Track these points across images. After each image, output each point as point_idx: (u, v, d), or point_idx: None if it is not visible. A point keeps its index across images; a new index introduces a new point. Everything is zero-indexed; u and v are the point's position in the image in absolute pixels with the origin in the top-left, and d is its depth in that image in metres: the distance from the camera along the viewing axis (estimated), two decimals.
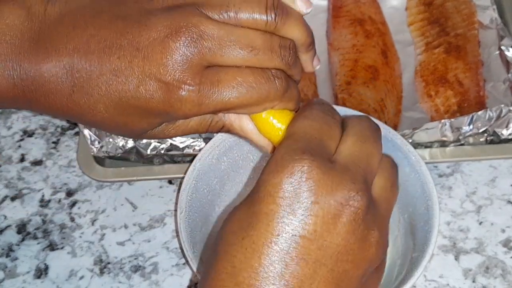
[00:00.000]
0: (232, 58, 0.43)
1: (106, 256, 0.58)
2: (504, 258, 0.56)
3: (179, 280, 0.57)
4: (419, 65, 0.67)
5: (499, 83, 0.65)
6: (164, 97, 0.43)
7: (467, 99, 0.64)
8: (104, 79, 0.43)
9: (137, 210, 0.61)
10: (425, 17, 0.70)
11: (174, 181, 0.62)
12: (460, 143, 0.61)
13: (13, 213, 0.62)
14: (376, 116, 0.60)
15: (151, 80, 0.43)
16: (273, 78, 0.43)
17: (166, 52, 0.42)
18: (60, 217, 0.61)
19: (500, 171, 0.61)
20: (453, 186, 0.61)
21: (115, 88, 0.44)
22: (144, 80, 0.43)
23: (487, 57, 0.67)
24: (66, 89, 0.44)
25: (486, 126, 0.59)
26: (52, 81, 0.44)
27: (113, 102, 0.44)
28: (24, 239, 0.60)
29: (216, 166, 0.54)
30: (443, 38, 0.68)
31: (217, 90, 0.43)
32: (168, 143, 0.60)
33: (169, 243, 0.59)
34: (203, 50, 0.42)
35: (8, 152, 0.66)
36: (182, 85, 0.43)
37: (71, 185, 0.63)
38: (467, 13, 0.69)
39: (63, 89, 0.44)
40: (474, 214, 0.59)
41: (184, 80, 0.42)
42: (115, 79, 0.43)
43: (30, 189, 0.63)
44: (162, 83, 0.43)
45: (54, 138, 0.66)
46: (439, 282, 0.55)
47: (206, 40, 0.42)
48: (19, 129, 0.67)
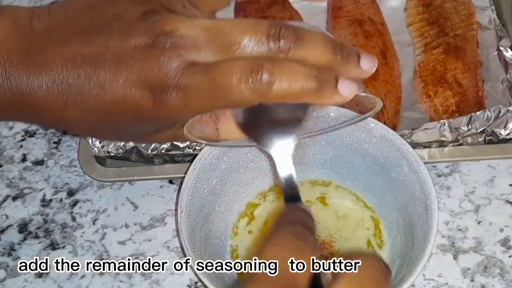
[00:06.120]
0: (210, 57, 0.43)
1: (107, 255, 0.59)
2: (503, 258, 0.56)
3: (180, 279, 0.57)
4: (418, 66, 0.68)
5: (498, 83, 0.65)
6: (152, 103, 0.44)
7: (465, 99, 0.64)
8: (94, 93, 0.44)
9: (137, 209, 0.61)
10: (424, 18, 0.70)
11: (175, 181, 0.63)
12: (458, 143, 0.61)
13: (15, 212, 0.62)
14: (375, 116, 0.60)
15: (136, 88, 0.43)
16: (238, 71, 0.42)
17: (147, 59, 0.43)
18: (61, 217, 0.61)
19: (498, 171, 0.62)
20: (451, 186, 0.61)
21: (105, 101, 0.44)
22: (130, 90, 0.43)
23: (486, 57, 0.67)
24: (59, 104, 0.44)
25: (485, 126, 0.59)
26: (44, 96, 0.44)
27: (106, 113, 0.45)
28: (26, 239, 0.60)
29: (216, 166, 0.55)
30: (442, 38, 0.68)
31: (199, 89, 0.43)
32: (169, 143, 0.60)
33: (170, 242, 0.59)
34: (181, 53, 0.43)
35: (10, 152, 0.66)
36: (165, 88, 0.43)
37: (72, 185, 0.63)
38: (466, 13, 0.69)
39: (56, 103, 0.44)
40: (473, 214, 0.59)
41: (167, 83, 0.43)
42: (104, 92, 0.44)
43: (31, 189, 0.63)
44: (146, 89, 0.43)
45: (56, 138, 0.67)
46: (437, 281, 0.55)
47: (182, 43, 0.43)
48: (21, 129, 0.68)
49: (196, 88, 0.43)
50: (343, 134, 0.55)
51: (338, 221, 0.57)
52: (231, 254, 0.56)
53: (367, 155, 0.56)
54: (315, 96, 0.44)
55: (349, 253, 0.44)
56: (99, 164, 0.62)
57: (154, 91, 0.43)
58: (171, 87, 0.43)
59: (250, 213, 0.58)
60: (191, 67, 0.43)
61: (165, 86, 0.43)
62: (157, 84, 0.43)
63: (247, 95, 0.43)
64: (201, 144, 0.60)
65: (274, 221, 0.37)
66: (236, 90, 0.43)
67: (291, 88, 0.43)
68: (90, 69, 0.44)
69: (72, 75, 0.44)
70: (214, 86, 0.43)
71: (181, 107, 0.44)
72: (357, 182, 0.58)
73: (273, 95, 0.43)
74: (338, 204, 0.58)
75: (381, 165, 0.55)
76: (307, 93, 0.43)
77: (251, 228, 0.57)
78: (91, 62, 0.44)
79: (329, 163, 0.58)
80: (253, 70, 0.42)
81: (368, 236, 0.56)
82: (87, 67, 0.44)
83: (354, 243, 0.56)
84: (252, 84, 0.42)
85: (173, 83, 0.43)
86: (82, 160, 0.63)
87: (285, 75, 0.43)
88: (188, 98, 0.43)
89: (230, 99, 0.43)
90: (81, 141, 0.64)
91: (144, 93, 0.43)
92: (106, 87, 0.44)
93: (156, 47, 0.43)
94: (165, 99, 0.43)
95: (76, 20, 0.46)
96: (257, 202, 0.58)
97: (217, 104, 0.44)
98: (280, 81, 0.43)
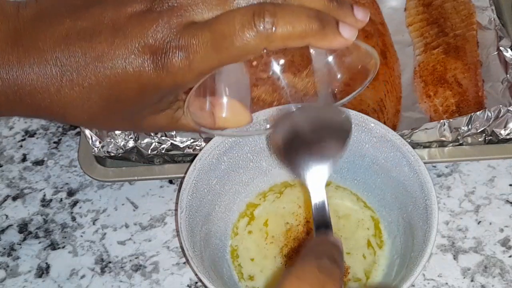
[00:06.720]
0: (209, 14, 0.42)
1: (107, 255, 0.59)
2: (503, 257, 0.56)
3: (180, 279, 0.57)
4: (418, 66, 0.68)
5: (498, 83, 0.65)
6: (154, 68, 0.42)
7: (465, 99, 0.64)
8: (91, 67, 0.43)
9: (137, 209, 0.61)
10: (424, 18, 0.70)
11: (175, 181, 0.63)
12: (458, 143, 0.61)
13: (15, 212, 0.62)
14: (375, 116, 0.60)
15: (136, 55, 0.42)
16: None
17: (144, 24, 0.42)
18: (61, 217, 0.61)
19: (498, 171, 0.62)
20: (451, 186, 0.61)
21: (104, 74, 0.43)
22: (130, 58, 0.42)
23: (486, 57, 0.67)
24: (54, 85, 0.43)
25: (485, 126, 0.59)
26: (37, 78, 0.43)
27: (105, 89, 0.43)
28: (26, 239, 0.60)
29: (216, 166, 0.55)
30: (442, 38, 0.68)
31: (202, 44, 0.42)
32: (169, 143, 0.60)
33: (170, 242, 0.59)
34: (179, 13, 0.42)
35: (10, 152, 0.66)
36: (166, 50, 0.42)
37: (72, 185, 0.63)
38: (466, 13, 0.69)
39: (51, 85, 0.43)
40: (473, 214, 0.59)
41: (167, 45, 0.42)
42: (101, 65, 0.43)
43: (31, 189, 0.63)
44: (148, 54, 0.42)
45: (56, 138, 0.67)
46: (437, 281, 0.56)
47: (179, 4, 0.42)
48: (21, 129, 0.68)
49: (198, 44, 0.42)
50: None
51: (339, 221, 0.57)
52: (231, 254, 0.56)
53: (367, 155, 0.56)
54: (319, 37, 0.43)
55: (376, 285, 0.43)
56: (99, 164, 0.62)
57: (155, 55, 0.42)
58: (172, 48, 0.42)
59: (250, 213, 0.58)
60: (191, 26, 0.42)
61: (166, 48, 0.42)
62: (157, 47, 0.42)
63: (251, 40, 0.42)
64: (201, 144, 0.60)
65: (302, 252, 0.37)
66: (240, 37, 0.42)
67: (295, 29, 0.42)
68: (85, 44, 0.42)
69: (66, 53, 0.43)
70: (217, 37, 0.42)
71: (184, 68, 0.42)
72: (357, 182, 0.58)
73: (278, 38, 0.42)
74: (338, 204, 0.58)
75: (381, 165, 0.55)
76: (310, 34, 0.43)
77: (251, 228, 0.57)
78: (86, 37, 0.43)
79: None
80: (255, 14, 0.42)
81: (368, 236, 0.56)
82: (82, 42, 0.42)
83: (354, 243, 0.56)
84: (256, 28, 0.41)
85: (174, 44, 0.42)
86: (82, 160, 0.63)
87: (288, 16, 0.42)
88: (191, 56, 0.42)
89: (235, 48, 0.42)
90: (81, 141, 0.64)
91: (145, 59, 0.42)
92: (104, 60, 0.42)
93: (153, 12, 0.42)
94: (168, 62, 0.42)
95: None
96: (257, 202, 0.58)
97: (222, 57, 0.43)
98: (283, 22, 0.42)
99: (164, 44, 0.42)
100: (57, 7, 0.44)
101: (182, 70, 0.43)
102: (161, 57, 0.42)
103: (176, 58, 0.42)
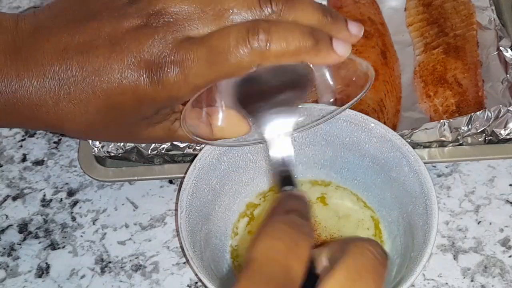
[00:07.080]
0: (205, 30, 0.43)
1: (107, 255, 0.59)
2: (503, 257, 0.56)
3: (180, 279, 0.57)
4: (418, 66, 0.68)
5: (498, 83, 0.65)
6: (150, 82, 0.43)
7: (465, 99, 0.64)
8: (89, 81, 0.43)
9: (137, 209, 0.61)
10: (424, 18, 0.70)
11: (175, 181, 0.63)
12: (458, 143, 0.61)
13: (15, 212, 0.62)
14: (375, 116, 0.60)
15: (133, 70, 0.43)
16: None
17: (141, 39, 0.43)
18: (61, 217, 0.61)
19: (498, 171, 0.62)
20: (451, 186, 0.61)
21: (101, 88, 0.43)
22: (126, 72, 0.43)
23: (486, 57, 0.67)
24: (52, 98, 0.44)
25: (485, 126, 0.59)
26: (35, 92, 0.44)
27: (102, 102, 0.44)
28: (26, 239, 0.60)
29: (216, 166, 0.55)
30: (442, 38, 0.68)
31: (197, 59, 0.42)
32: (169, 143, 0.60)
33: (170, 242, 0.59)
34: (174, 29, 0.43)
35: (10, 152, 0.66)
36: (162, 64, 0.42)
37: (72, 185, 0.63)
38: (466, 13, 0.69)
39: (49, 98, 0.44)
40: (473, 214, 0.59)
41: (163, 59, 0.42)
42: (98, 79, 0.43)
43: (31, 189, 0.63)
44: (143, 68, 0.43)
45: (56, 138, 0.67)
46: (437, 281, 0.56)
47: (175, 19, 0.43)
48: (21, 129, 0.68)
49: (193, 60, 0.42)
50: (343, 134, 0.55)
51: (339, 221, 0.57)
52: (231, 254, 0.56)
53: (367, 155, 0.56)
54: (313, 53, 0.43)
55: (347, 238, 0.43)
56: (99, 164, 0.62)
57: (151, 69, 0.43)
58: (167, 63, 0.43)
59: (250, 213, 0.58)
60: (186, 41, 0.43)
61: (161, 63, 0.43)
62: (153, 62, 0.43)
63: (246, 57, 0.42)
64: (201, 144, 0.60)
65: (267, 210, 0.35)
66: (235, 53, 0.42)
67: (289, 45, 0.43)
68: (83, 58, 0.43)
69: (63, 67, 0.43)
70: (212, 52, 0.42)
71: (179, 82, 0.43)
72: (357, 182, 0.58)
73: (272, 54, 0.43)
74: (338, 204, 0.58)
75: (381, 165, 0.55)
76: (304, 50, 0.43)
77: (251, 228, 0.57)
78: (83, 51, 0.43)
79: (329, 163, 0.58)
80: (250, 30, 0.42)
81: (368, 236, 0.56)
82: (79, 56, 0.43)
83: None
84: (250, 45, 0.42)
85: (169, 59, 0.42)
86: (82, 160, 0.63)
87: (282, 33, 0.43)
88: (186, 71, 0.43)
89: (229, 64, 0.43)
90: (81, 141, 0.64)
91: (140, 73, 0.43)
92: (100, 74, 0.43)
93: (150, 27, 0.43)
94: (163, 76, 0.43)
95: (65, 14, 0.45)
96: (257, 202, 0.58)
97: (217, 73, 0.43)
98: (277, 39, 0.42)
99: (159, 59, 0.43)
100: (56, 21, 0.45)
101: (177, 85, 0.43)
102: (157, 72, 0.43)
103: (171, 73, 0.43)
